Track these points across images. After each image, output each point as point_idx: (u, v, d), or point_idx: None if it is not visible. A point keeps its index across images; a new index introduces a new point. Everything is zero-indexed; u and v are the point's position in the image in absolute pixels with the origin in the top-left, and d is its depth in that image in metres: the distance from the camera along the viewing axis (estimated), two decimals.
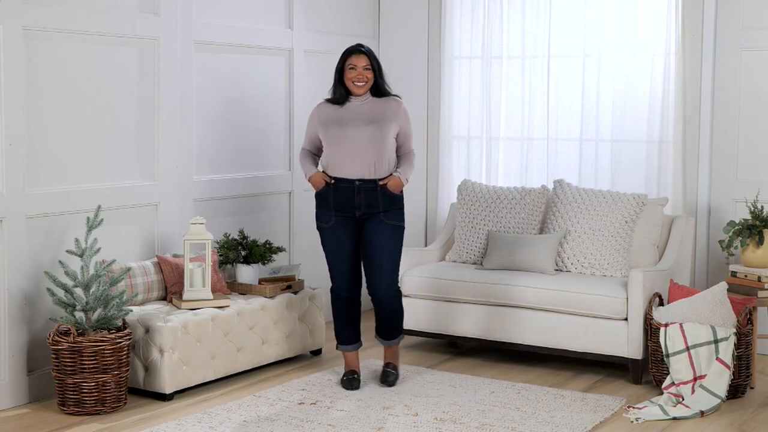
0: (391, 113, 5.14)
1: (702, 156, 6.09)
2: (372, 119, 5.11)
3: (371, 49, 5.17)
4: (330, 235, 5.19)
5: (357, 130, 5.09)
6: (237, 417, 4.71)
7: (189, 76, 5.70)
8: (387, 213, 5.13)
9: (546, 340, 5.58)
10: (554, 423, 4.67)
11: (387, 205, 5.13)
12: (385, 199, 5.12)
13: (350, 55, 5.12)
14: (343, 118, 5.13)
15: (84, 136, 5.19)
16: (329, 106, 5.20)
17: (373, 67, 5.12)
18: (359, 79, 5.10)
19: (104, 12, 5.21)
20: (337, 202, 5.14)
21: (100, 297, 4.79)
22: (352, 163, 5.09)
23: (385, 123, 5.11)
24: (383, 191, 5.11)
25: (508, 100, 6.66)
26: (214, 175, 5.94)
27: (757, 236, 5.45)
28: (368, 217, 5.13)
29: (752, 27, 5.94)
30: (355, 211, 5.12)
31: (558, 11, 6.46)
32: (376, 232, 5.12)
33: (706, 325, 5.01)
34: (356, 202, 5.10)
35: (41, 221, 4.97)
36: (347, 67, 5.12)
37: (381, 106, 5.15)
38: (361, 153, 5.08)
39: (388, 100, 5.18)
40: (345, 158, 5.10)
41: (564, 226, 5.87)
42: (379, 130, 5.09)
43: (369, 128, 5.08)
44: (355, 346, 5.34)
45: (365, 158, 5.08)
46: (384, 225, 5.13)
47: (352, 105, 5.16)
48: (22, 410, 4.83)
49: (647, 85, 6.20)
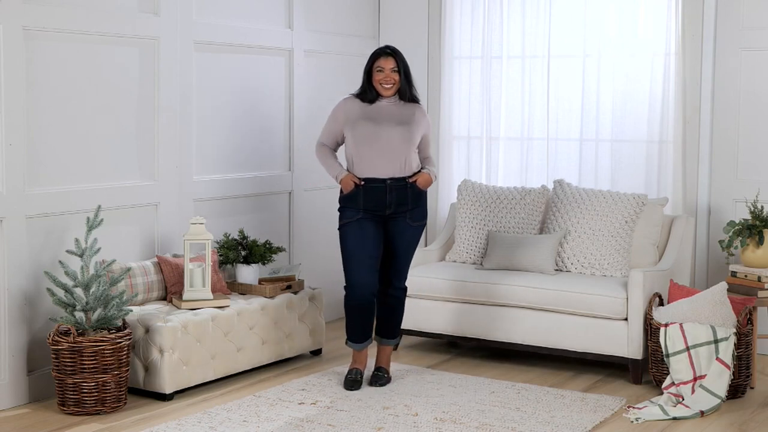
0: (419, 117, 5.21)
1: (702, 156, 6.09)
2: (403, 120, 5.14)
3: (399, 51, 5.19)
4: (356, 228, 5.13)
5: (390, 129, 5.11)
6: (237, 417, 4.71)
7: (189, 76, 5.70)
8: (413, 212, 5.18)
9: (546, 340, 5.58)
10: (554, 423, 4.67)
11: (415, 201, 5.18)
12: (414, 196, 5.17)
13: (378, 57, 5.15)
14: (374, 116, 5.14)
15: (84, 136, 5.19)
16: (357, 103, 5.20)
17: (400, 70, 5.14)
18: (387, 81, 5.13)
19: (104, 12, 5.21)
20: (367, 202, 5.13)
21: (100, 297, 4.79)
22: (384, 162, 5.11)
23: (414, 126, 5.16)
24: (412, 188, 5.15)
25: (508, 100, 6.66)
26: (214, 175, 5.94)
27: (757, 236, 5.45)
28: (396, 216, 5.16)
29: (752, 27, 5.94)
30: (386, 209, 5.14)
31: (558, 11, 6.46)
32: (402, 234, 5.20)
33: (706, 325, 5.01)
34: (388, 201, 5.13)
35: (41, 221, 4.97)
36: (375, 69, 5.14)
37: (409, 110, 5.20)
38: (392, 152, 5.11)
39: (413, 106, 5.22)
40: (376, 157, 5.11)
41: (564, 226, 5.87)
42: (409, 132, 5.13)
43: (400, 128, 5.12)
44: (365, 344, 5.32)
45: (397, 157, 5.12)
46: (409, 227, 5.20)
47: (381, 105, 5.18)
48: (22, 410, 4.83)
49: (647, 85, 6.20)
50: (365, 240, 5.13)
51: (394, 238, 5.21)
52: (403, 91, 5.18)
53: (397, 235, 5.21)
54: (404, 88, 5.17)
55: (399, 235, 5.21)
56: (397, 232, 5.20)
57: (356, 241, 5.13)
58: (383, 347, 5.39)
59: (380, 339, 5.37)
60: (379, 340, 5.38)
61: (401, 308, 5.39)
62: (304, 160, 6.46)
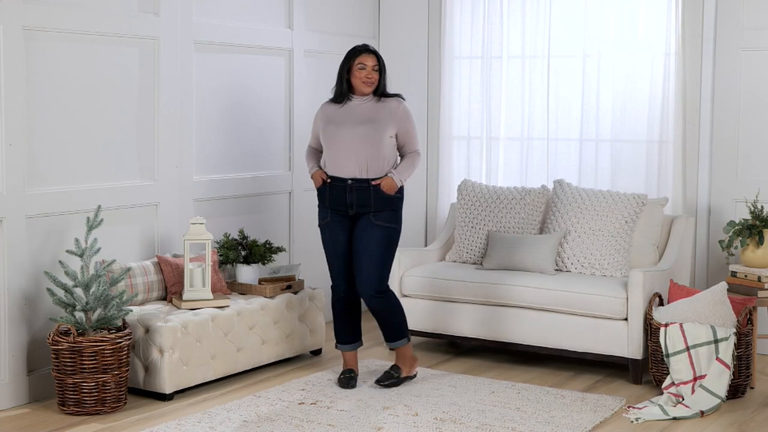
0: (389, 113, 5.14)
1: (702, 156, 6.09)
2: (367, 119, 5.11)
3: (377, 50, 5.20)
4: (327, 233, 5.23)
5: (350, 129, 5.10)
6: (237, 417, 4.71)
7: (189, 76, 5.70)
8: (378, 214, 5.12)
9: (546, 340, 5.58)
10: (554, 423, 4.67)
11: (379, 205, 5.11)
12: (378, 199, 5.11)
13: (360, 54, 5.14)
14: (339, 118, 5.16)
15: (84, 136, 5.19)
16: (331, 106, 5.24)
17: (380, 69, 5.14)
18: (369, 78, 5.13)
19: (104, 12, 5.21)
20: (332, 200, 5.17)
21: (100, 297, 4.79)
22: (345, 163, 5.11)
23: (381, 123, 5.11)
24: (376, 191, 5.11)
25: (508, 100, 6.66)
26: (214, 175, 5.94)
27: (757, 236, 5.45)
28: (360, 216, 5.15)
29: (752, 27, 5.94)
30: (348, 209, 5.14)
31: (558, 11, 6.46)
32: (363, 232, 5.12)
33: (706, 325, 5.01)
34: (349, 201, 5.12)
35: (41, 221, 4.97)
36: (356, 66, 5.13)
37: (380, 107, 5.16)
38: (352, 152, 5.09)
39: (389, 100, 5.18)
40: (338, 157, 5.13)
41: (564, 226, 5.87)
42: (373, 130, 5.09)
43: (362, 128, 5.09)
44: (353, 346, 5.33)
45: (357, 158, 5.09)
46: (372, 226, 5.11)
47: (351, 105, 5.18)
48: (22, 410, 4.83)
49: (647, 85, 6.20)
50: (336, 245, 5.20)
51: (357, 237, 5.12)
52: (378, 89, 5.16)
53: (359, 233, 5.12)
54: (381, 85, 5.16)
55: (360, 233, 5.11)
56: (359, 230, 5.13)
57: (327, 243, 5.23)
58: (395, 350, 5.36)
59: (386, 342, 5.35)
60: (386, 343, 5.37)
61: (383, 312, 5.22)
62: (303, 160, 6.45)
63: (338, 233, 5.18)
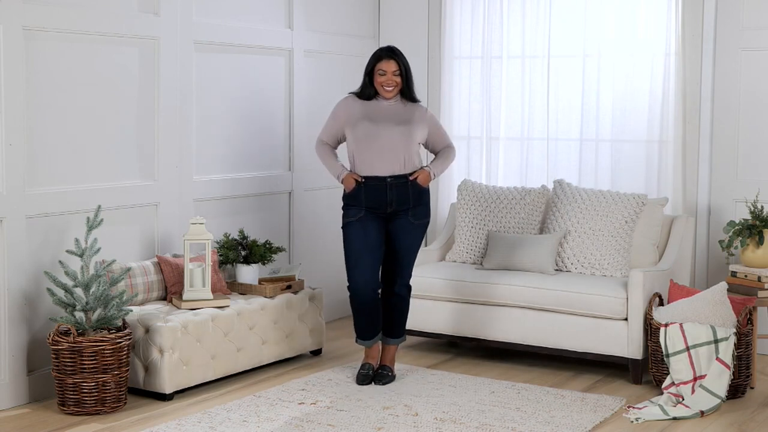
0: (419, 117, 5.23)
1: (702, 156, 6.09)
2: (402, 120, 5.17)
3: (401, 52, 5.21)
4: (359, 227, 5.16)
5: (389, 128, 5.14)
6: (237, 417, 4.71)
7: (189, 76, 5.70)
8: (416, 210, 5.20)
9: (546, 340, 5.58)
10: (554, 423, 4.67)
11: (417, 199, 5.20)
12: (415, 193, 5.19)
13: (380, 60, 5.16)
14: (373, 116, 5.17)
15: (84, 136, 5.18)
16: (357, 102, 5.23)
17: (402, 73, 5.15)
18: (388, 84, 5.15)
19: (104, 12, 5.21)
20: (369, 200, 5.16)
21: (100, 297, 4.79)
22: (384, 161, 5.13)
23: (414, 125, 5.19)
24: (413, 185, 5.17)
25: (508, 100, 6.66)
26: (214, 175, 5.94)
27: (757, 236, 5.45)
28: (398, 214, 5.18)
29: (752, 27, 5.94)
30: (387, 207, 5.16)
31: (558, 11, 6.46)
32: (405, 232, 5.22)
33: (706, 325, 5.01)
34: (389, 199, 5.15)
35: (41, 221, 4.96)
36: (377, 71, 5.16)
37: (409, 110, 5.23)
38: (392, 151, 5.13)
39: (414, 105, 5.25)
40: (376, 156, 5.14)
41: (564, 226, 5.87)
42: (408, 132, 5.17)
43: (399, 128, 5.15)
44: (375, 340, 5.34)
45: (397, 156, 5.15)
46: (413, 226, 5.22)
47: (381, 104, 5.21)
48: (22, 410, 4.83)
49: (647, 85, 6.20)
50: (367, 238, 5.15)
51: (397, 236, 5.22)
52: (404, 93, 5.21)
53: (400, 234, 5.22)
54: (405, 89, 5.20)
55: (401, 234, 5.22)
56: (400, 231, 5.22)
57: (358, 239, 5.16)
58: (388, 347, 5.39)
59: (385, 338, 5.37)
60: (384, 340, 5.38)
61: (406, 307, 5.40)
62: (304, 160, 6.46)
63: (371, 229, 5.17)
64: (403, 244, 5.24)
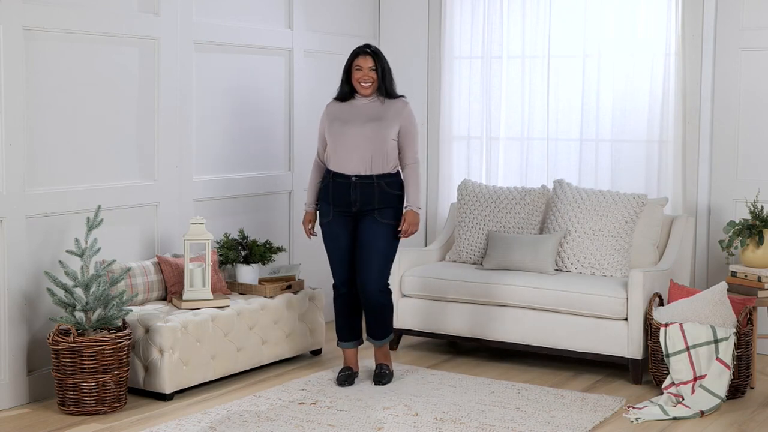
0: (394, 113, 5.19)
1: (702, 156, 6.09)
2: (373, 117, 5.16)
3: (379, 50, 5.23)
4: (328, 230, 5.25)
5: (356, 127, 5.15)
6: (237, 417, 4.71)
7: (189, 76, 5.70)
8: (382, 211, 5.16)
9: (546, 340, 5.58)
10: (554, 423, 4.67)
11: (383, 202, 5.16)
12: (382, 196, 5.15)
13: (357, 56, 5.20)
14: (345, 115, 5.20)
15: (84, 136, 5.18)
16: (336, 105, 5.28)
17: (377, 68, 5.14)
18: (364, 79, 5.16)
19: (104, 12, 5.21)
20: (335, 197, 5.19)
21: (100, 297, 4.79)
22: (349, 159, 5.14)
23: (386, 121, 5.16)
24: (380, 188, 5.14)
25: (508, 100, 6.66)
26: (214, 175, 5.94)
27: (757, 236, 5.45)
28: (364, 214, 5.17)
29: (752, 27, 5.94)
30: (352, 206, 5.16)
31: (558, 11, 6.46)
32: (369, 229, 5.16)
33: (706, 325, 5.01)
34: (352, 198, 5.14)
35: (41, 221, 4.96)
36: (354, 67, 5.19)
37: (386, 107, 5.20)
38: (357, 149, 5.13)
39: (394, 101, 5.23)
40: (343, 154, 5.16)
41: (564, 226, 5.87)
42: (379, 129, 5.14)
43: (368, 126, 5.13)
44: (353, 344, 5.35)
45: (362, 154, 5.13)
46: (377, 223, 5.16)
47: (357, 103, 5.23)
48: (22, 410, 4.83)
49: (647, 85, 6.20)
50: (336, 239, 5.23)
51: (363, 234, 5.17)
52: (381, 89, 5.20)
53: (364, 230, 5.17)
54: (381, 85, 5.19)
55: (366, 230, 5.17)
56: (364, 228, 5.17)
57: (329, 241, 5.26)
58: (376, 347, 5.39)
59: (370, 340, 5.38)
60: (370, 341, 5.39)
61: (385, 308, 5.28)
62: (304, 160, 6.45)
63: (340, 230, 5.21)
64: (368, 242, 5.15)
